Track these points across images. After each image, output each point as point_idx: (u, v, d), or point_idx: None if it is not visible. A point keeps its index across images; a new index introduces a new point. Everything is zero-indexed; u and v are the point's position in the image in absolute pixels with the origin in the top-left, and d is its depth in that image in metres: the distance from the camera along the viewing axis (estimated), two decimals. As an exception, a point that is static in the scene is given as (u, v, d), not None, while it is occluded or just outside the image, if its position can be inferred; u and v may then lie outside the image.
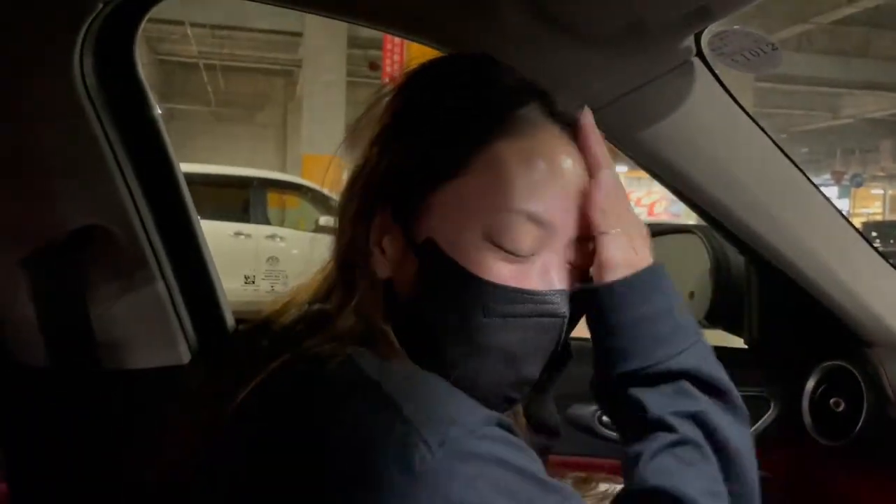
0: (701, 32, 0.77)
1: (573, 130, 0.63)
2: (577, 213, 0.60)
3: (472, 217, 0.58)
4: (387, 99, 0.65)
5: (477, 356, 0.59)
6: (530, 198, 0.58)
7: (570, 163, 0.61)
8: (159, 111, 1.02)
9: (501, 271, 0.57)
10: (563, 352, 0.62)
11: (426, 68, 0.66)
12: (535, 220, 0.58)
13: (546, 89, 0.64)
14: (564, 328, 0.60)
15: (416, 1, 0.74)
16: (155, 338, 1.01)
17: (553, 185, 0.59)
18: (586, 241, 0.61)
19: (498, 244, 0.57)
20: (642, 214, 22.29)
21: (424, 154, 0.60)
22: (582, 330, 0.63)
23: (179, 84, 15.90)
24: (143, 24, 0.93)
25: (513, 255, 0.57)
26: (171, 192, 1.05)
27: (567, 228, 0.60)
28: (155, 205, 1.00)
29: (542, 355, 0.60)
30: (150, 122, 1.00)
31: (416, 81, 0.65)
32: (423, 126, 0.61)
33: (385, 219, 0.62)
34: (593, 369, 0.62)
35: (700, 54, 0.81)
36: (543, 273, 0.59)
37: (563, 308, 0.59)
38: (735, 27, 0.74)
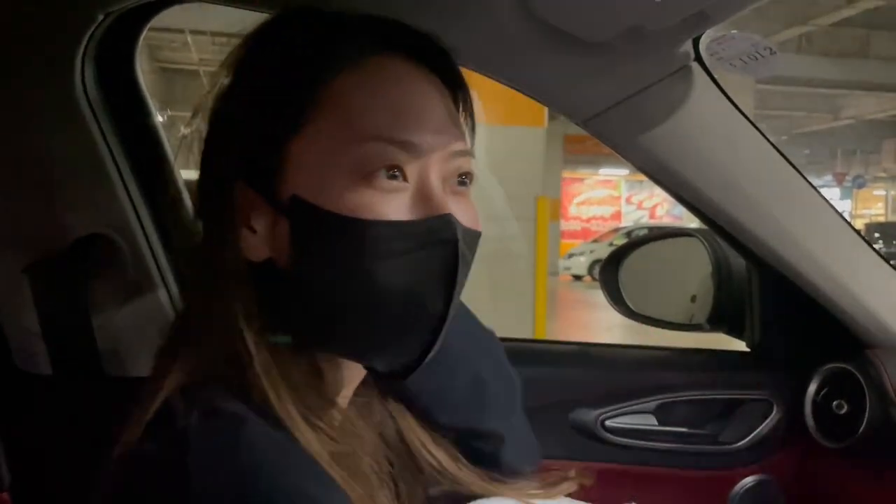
0: (699, 37, 0.77)
1: (428, 58, 0.59)
2: (445, 129, 0.57)
3: (333, 159, 0.54)
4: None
5: (376, 308, 0.54)
6: (387, 123, 0.54)
7: (422, 83, 0.58)
8: (161, 119, 1.03)
9: (379, 207, 0.53)
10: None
11: (256, 32, 0.61)
12: (398, 144, 0.54)
13: (397, 23, 0.60)
14: (460, 249, 0.55)
15: (408, 7, 0.74)
16: (157, 345, 1.01)
17: (409, 105, 0.56)
18: (465, 155, 0.58)
19: (367, 179, 0.53)
20: (644, 217, 22.29)
21: (267, 107, 0.56)
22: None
23: (180, 91, 15.94)
24: (143, 34, 0.94)
25: (385, 187, 0.54)
26: (172, 200, 1.05)
27: (439, 148, 0.56)
28: (156, 212, 1.00)
29: (445, 286, 0.55)
30: (151, 131, 1.00)
31: (248, 46, 0.60)
32: (260, 81, 0.57)
33: (245, 193, 0.56)
34: None
35: (699, 59, 0.81)
36: (424, 199, 0.55)
37: (452, 231, 0.54)
38: (733, 31, 0.74)
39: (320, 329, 0.57)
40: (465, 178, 0.59)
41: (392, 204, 0.54)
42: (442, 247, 0.54)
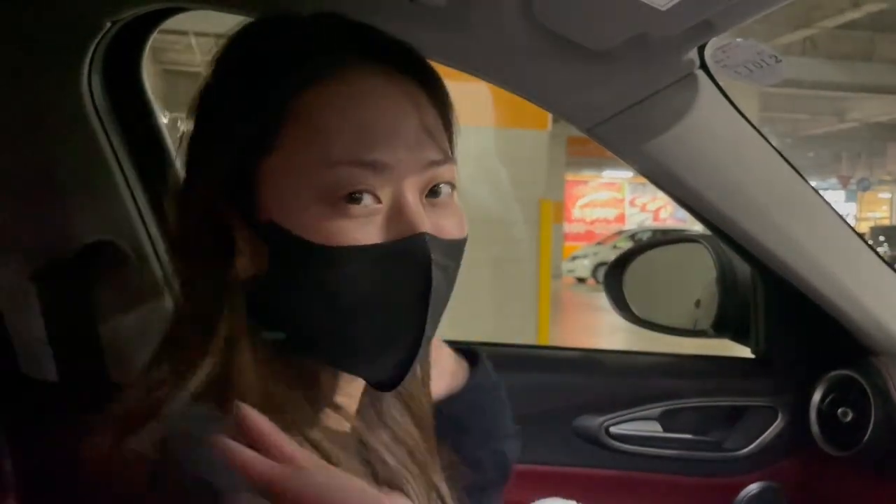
0: (704, 45, 0.77)
1: (404, 65, 0.57)
2: (419, 142, 0.55)
3: (304, 181, 0.52)
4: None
5: (352, 329, 0.54)
6: (355, 143, 0.52)
7: (395, 94, 0.55)
8: (164, 120, 1.03)
9: (350, 233, 0.52)
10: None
11: (232, 38, 0.58)
12: (367, 165, 0.52)
13: (369, 31, 0.57)
14: (434, 269, 0.53)
15: (412, 14, 0.75)
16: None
17: (379, 122, 0.53)
18: (442, 164, 0.56)
19: (335, 203, 0.52)
20: (648, 220, 22.24)
21: (239, 123, 0.54)
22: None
23: (184, 93, 15.92)
24: (150, 41, 0.94)
25: (356, 213, 0.52)
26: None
27: (412, 162, 0.54)
28: (162, 219, 1.01)
29: (419, 305, 0.54)
30: (158, 139, 1.01)
31: (221, 56, 0.58)
32: (232, 95, 0.55)
33: (232, 214, 0.55)
34: None
35: (703, 66, 0.81)
36: (398, 217, 0.53)
37: (424, 252, 0.53)
38: (738, 39, 0.74)
39: (304, 339, 0.56)
40: (441, 188, 0.57)
41: (364, 228, 0.52)
42: (414, 268, 0.53)
